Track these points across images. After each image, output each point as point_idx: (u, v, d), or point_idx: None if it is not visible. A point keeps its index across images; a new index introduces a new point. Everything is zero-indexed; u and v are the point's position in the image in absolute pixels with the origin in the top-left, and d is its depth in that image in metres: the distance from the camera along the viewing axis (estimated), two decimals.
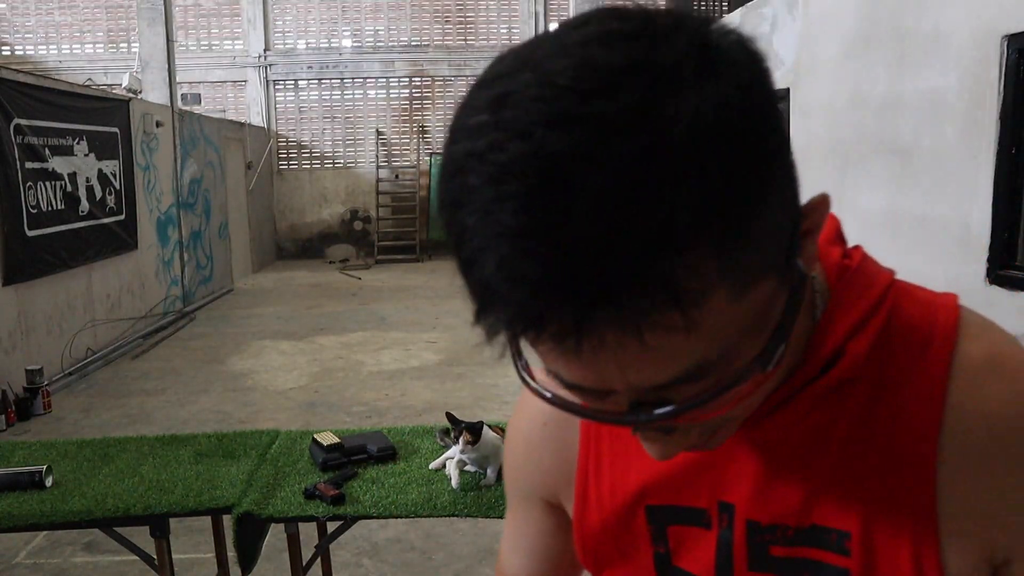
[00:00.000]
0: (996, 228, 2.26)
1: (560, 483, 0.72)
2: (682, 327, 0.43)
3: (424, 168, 13.29)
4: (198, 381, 6.09)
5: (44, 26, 12.67)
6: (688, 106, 0.41)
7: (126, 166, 7.50)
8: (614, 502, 0.67)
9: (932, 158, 2.54)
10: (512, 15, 13.40)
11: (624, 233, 0.40)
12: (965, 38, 2.37)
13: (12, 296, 5.54)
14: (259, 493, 2.14)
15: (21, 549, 3.41)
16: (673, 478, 0.64)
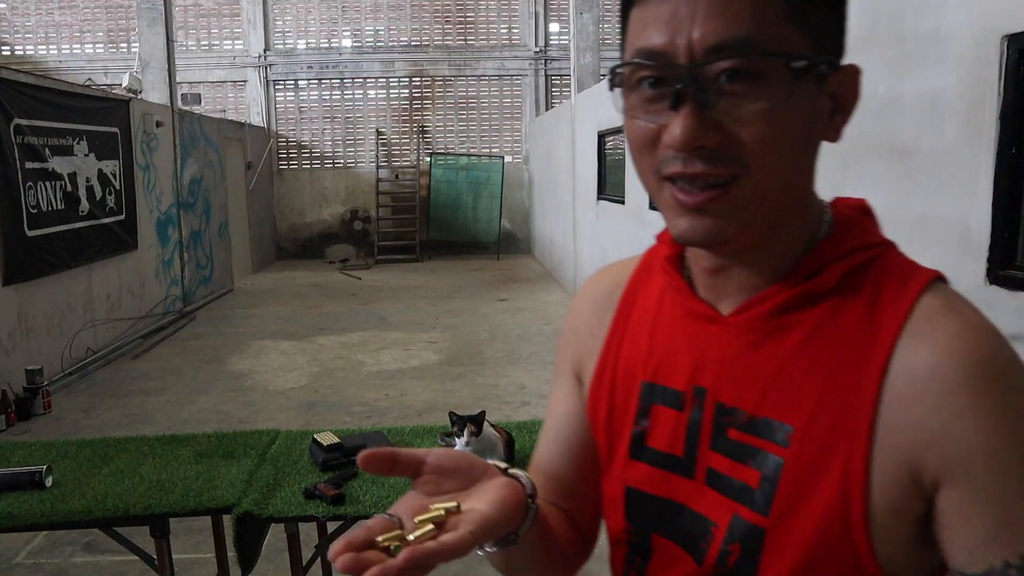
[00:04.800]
0: (996, 228, 2.26)
1: (586, 356, 0.82)
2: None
3: (424, 168, 13.29)
4: (198, 381, 6.09)
5: (44, 26, 12.67)
6: None
7: (126, 166, 7.50)
8: (627, 373, 0.77)
9: (932, 158, 2.53)
10: (512, 15, 13.39)
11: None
12: (965, 38, 2.37)
13: (12, 296, 5.54)
14: (259, 493, 2.14)
15: (21, 549, 3.41)
16: (667, 361, 0.74)
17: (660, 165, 0.64)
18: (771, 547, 0.66)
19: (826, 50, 0.63)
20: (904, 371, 0.62)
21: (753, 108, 0.60)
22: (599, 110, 7.96)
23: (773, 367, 0.67)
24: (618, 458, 0.78)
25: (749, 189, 0.62)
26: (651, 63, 0.61)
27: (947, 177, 2.46)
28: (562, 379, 0.87)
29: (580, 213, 9.07)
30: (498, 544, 0.67)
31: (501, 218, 13.28)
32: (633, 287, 0.81)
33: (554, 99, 13.33)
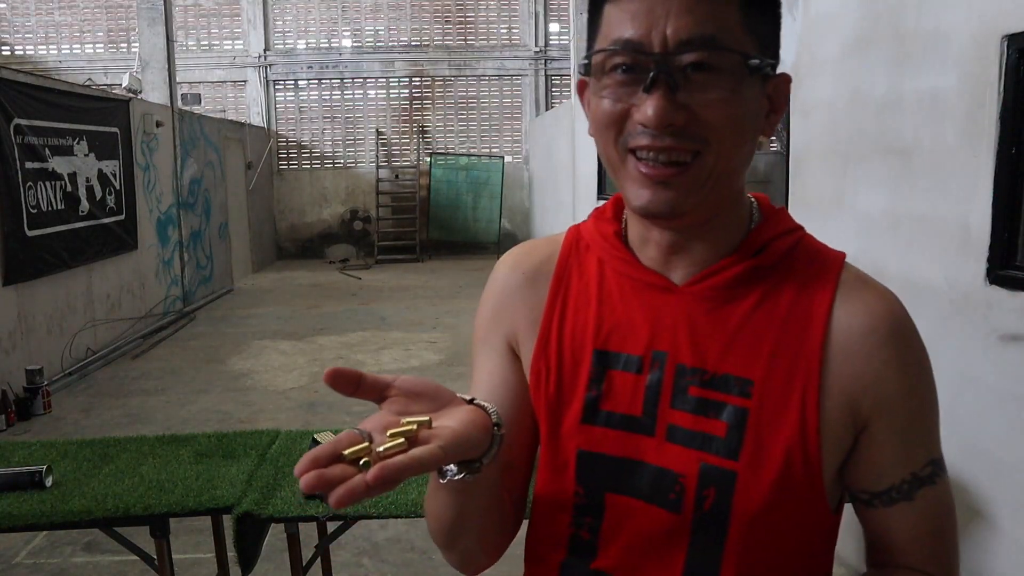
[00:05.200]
0: (996, 228, 2.26)
1: (524, 326, 0.87)
2: (719, 4, 0.70)
3: (424, 168, 13.29)
4: (198, 381, 6.09)
5: (44, 26, 12.67)
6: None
7: (126, 166, 7.50)
8: (572, 344, 0.83)
9: (932, 158, 2.53)
10: (512, 15, 13.39)
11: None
12: (965, 38, 2.37)
13: (12, 296, 5.54)
14: (259, 493, 2.14)
15: (21, 549, 3.41)
16: (620, 331, 0.81)
17: (627, 138, 0.73)
18: (742, 488, 0.75)
19: (769, 55, 0.74)
20: (843, 330, 0.76)
21: (713, 94, 0.70)
22: None
23: (730, 329, 0.78)
24: (567, 424, 0.82)
25: (708, 165, 0.72)
26: (627, 51, 0.71)
27: (947, 177, 2.45)
28: (491, 350, 0.89)
29: (580, 213, 9.07)
30: (462, 469, 0.67)
31: (501, 218, 13.28)
32: (565, 262, 0.88)
33: (554, 99, 13.32)
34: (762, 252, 0.79)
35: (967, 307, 2.36)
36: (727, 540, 0.76)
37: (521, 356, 0.87)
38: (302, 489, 0.56)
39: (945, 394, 2.61)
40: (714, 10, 0.70)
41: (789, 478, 0.75)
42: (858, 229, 2.96)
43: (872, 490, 0.79)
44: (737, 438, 0.75)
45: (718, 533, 0.76)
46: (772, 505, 0.75)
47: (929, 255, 2.54)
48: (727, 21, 0.70)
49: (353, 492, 0.56)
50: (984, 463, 2.31)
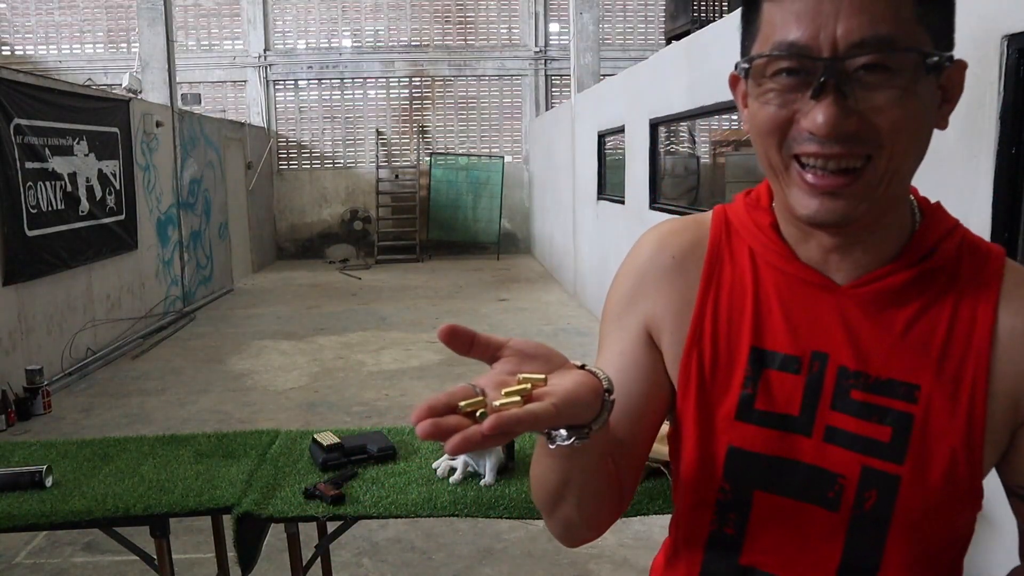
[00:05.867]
0: (996, 228, 2.26)
1: (670, 316, 0.84)
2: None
3: (424, 168, 13.29)
4: (198, 381, 6.09)
5: (44, 26, 12.67)
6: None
7: (126, 166, 7.50)
8: (728, 338, 0.81)
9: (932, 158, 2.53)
10: (512, 15, 13.39)
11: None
12: (965, 38, 2.37)
13: (12, 296, 5.54)
14: (259, 493, 2.14)
15: (21, 549, 3.41)
16: (777, 329, 0.79)
17: (791, 144, 0.70)
18: (906, 491, 0.74)
19: (944, 47, 0.70)
20: (1008, 330, 0.75)
21: (887, 97, 0.67)
22: (599, 110, 7.96)
23: (895, 333, 0.76)
24: (720, 420, 0.80)
25: (881, 169, 0.69)
26: (793, 55, 0.68)
27: (947, 177, 2.45)
28: (624, 330, 0.86)
29: (580, 213, 9.07)
30: (571, 434, 0.66)
31: (501, 218, 13.28)
32: (716, 248, 0.84)
33: (554, 99, 13.33)
34: (931, 256, 0.77)
35: None
36: (888, 538, 0.75)
37: (661, 344, 0.84)
38: (418, 435, 0.57)
39: None
40: (888, 6, 0.65)
41: (953, 481, 0.74)
42: None
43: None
44: (903, 443, 0.74)
45: (878, 531, 0.76)
46: (935, 508, 0.74)
47: None
48: (902, 16, 0.66)
49: (469, 440, 0.56)
50: None
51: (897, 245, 0.77)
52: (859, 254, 0.77)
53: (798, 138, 0.69)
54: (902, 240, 0.77)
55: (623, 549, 3.31)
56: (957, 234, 0.78)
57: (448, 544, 3.40)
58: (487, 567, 3.22)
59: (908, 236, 0.78)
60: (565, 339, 7.16)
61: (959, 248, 0.78)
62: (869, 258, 0.77)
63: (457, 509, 2.07)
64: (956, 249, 0.78)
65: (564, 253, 10.05)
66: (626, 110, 6.84)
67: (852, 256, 0.77)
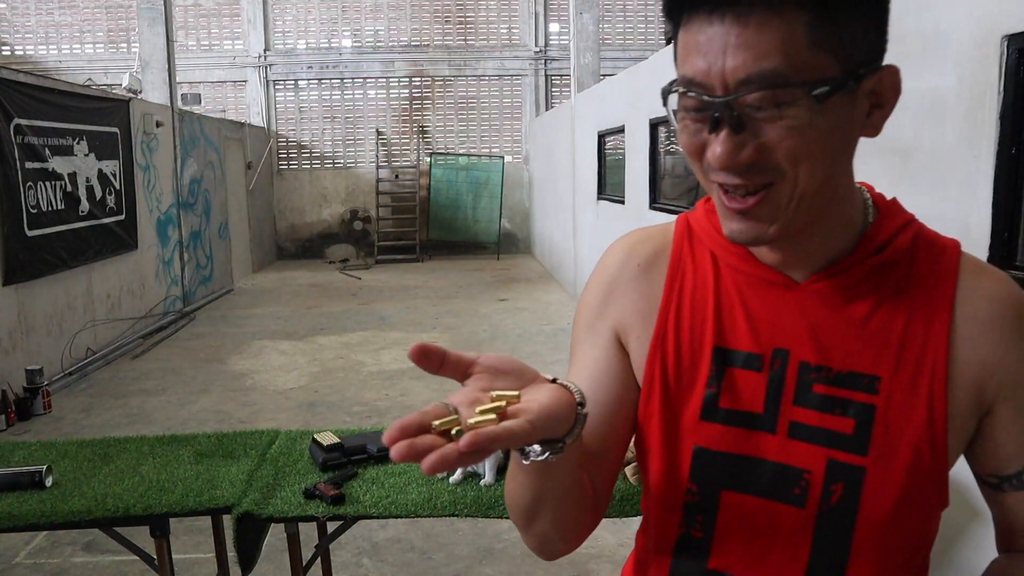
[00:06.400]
0: (996, 228, 2.26)
1: (637, 320, 0.85)
2: (782, 31, 0.64)
3: (424, 168, 13.29)
4: (198, 381, 6.09)
5: (44, 26, 12.66)
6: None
7: (126, 166, 7.50)
8: (691, 340, 0.82)
9: (932, 158, 2.53)
10: (512, 15, 13.39)
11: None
12: (965, 38, 2.37)
13: (12, 296, 5.54)
14: (259, 493, 2.14)
15: (21, 549, 3.41)
16: (739, 328, 0.81)
17: (707, 169, 0.72)
18: (872, 482, 0.75)
19: (855, 63, 0.69)
20: (968, 318, 0.76)
21: (781, 129, 0.67)
22: (599, 110, 7.96)
23: (854, 327, 0.77)
24: (685, 421, 0.81)
25: (786, 192, 0.70)
26: (693, 92, 0.70)
27: (947, 177, 2.45)
28: (596, 338, 0.87)
29: (580, 213, 9.07)
30: (545, 449, 0.67)
31: (501, 218, 13.27)
32: (679, 253, 0.86)
33: (554, 99, 13.32)
34: (885, 249, 0.78)
35: None
36: (855, 534, 0.76)
37: (629, 348, 0.86)
38: (393, 458, 0.56)
39: None
40: (775, 39, 0.64)
41: (918, 471, 0.75)
42: None
43: (1001, 473, 0.79)
44: (865, 434, 0.76)
45: (845, 526, 0.76)
46: (901, 498, 0.75)
47: None
48: (791, 48, 0.65)
49: (445, 459, 0.56)
50: None
51: (850, 241, 0.79)
52: (811, 253, 0.78)
53: (710, 167, 0.71)
54: (854, 236, 0.79)
55: (623, 549, 3.31)
56: (911, 228, 0.80)
57: (448, 544, 3.40)
58: (487, 567, 3.23)
59: (861, 232, 0.79)
60: (565, 339, 7.15)
61: (914, 242, 0.79)
62: (821, 256, 0.78)
63: (457, 509, 2.07)
64: (910, 243, 0.79)
65: (564, 253, 10.04)
66: (626, 110, 6.84)
67: (805, 255, 0.79)
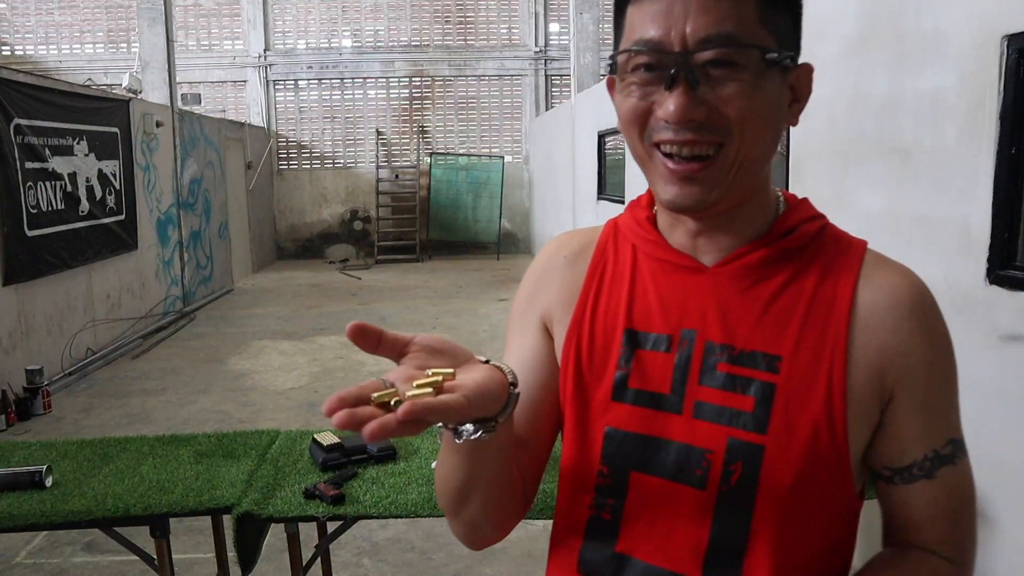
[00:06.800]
0: (996, 228, 2.26)
1: (560, 306, 0.89)
2: (737, 2, 0.72)
3: (424, 168, 13.28)
4: (198, 381, 6.09)
5: (44, 26, 12.66)
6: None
7: (126, 166, 7.50)
8: (605, 323, 0.85)
9: (932, 158, 2.53)
10: (512, 15, 13.39)
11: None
12: (965, 38, 2.37)
13: (12, 296, 5.54)
14: (259, 493, 2.14)
15: (21, 549, 3.41)
16: (651, 311, 0.83)
17: (651, 133, 0.76)
18: (770, 461, 0.76)
19: (788, 48, 0.77)
20: (868, 305, 0.79)
21: (733, 88, 0.73)
22: (599, 110, 7.96)
23: (759, 308, 0.80)
24: (596, 402, 0.84)
25: (731, 156, 0.75)
26: (649, 51, 0.74)
27: (947, 177, 2.45)
28: (526, 326, 0.91)
29: (580, 213, 9.07)
30: (478, 428, 0.68)
31: (501, 218, 13.27)
32: (603, 247, 0.91)
33: (554, 99, 13.32)
34: (790, 235, 0.82)
35: (967, 307, 2.36)
36: (753, 515, 0.77)
37: (554, 335, 0.89)
38: (334, 424, 0.58)
39: None
40: (732, 8, 0.72)
41: (816, 452, 0.76)
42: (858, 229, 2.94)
43: (893, 466, 0.80)
44: (765, 412, 0.77)
45: (744, 508, 0.77)
46: (799, 479, 0.76)
47: (929, 255, 2.54)
48: (745, 18, 0.72)
49: (385, 426, 0.58)
50: (984, 463, 2.31)
51: (759, 229, 0.82)
52: (722, 237, 0.82)
53: (656, 127, 0.75)
54: (764, 225, 0.83)
55: None
56: (819, 222, 0.84)
57: (448, 544, 3.40)
58: (487, 567, 3.23)
59: (771, 221, 0.83)
60: None
61: (821, 233, 0.83)
62: (732, 240, 0.82)
63: None
64: (817, 232, 0.83)
65: None
66: None
67: (717, 239, 0.82)
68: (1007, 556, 2.25)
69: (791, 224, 0.82)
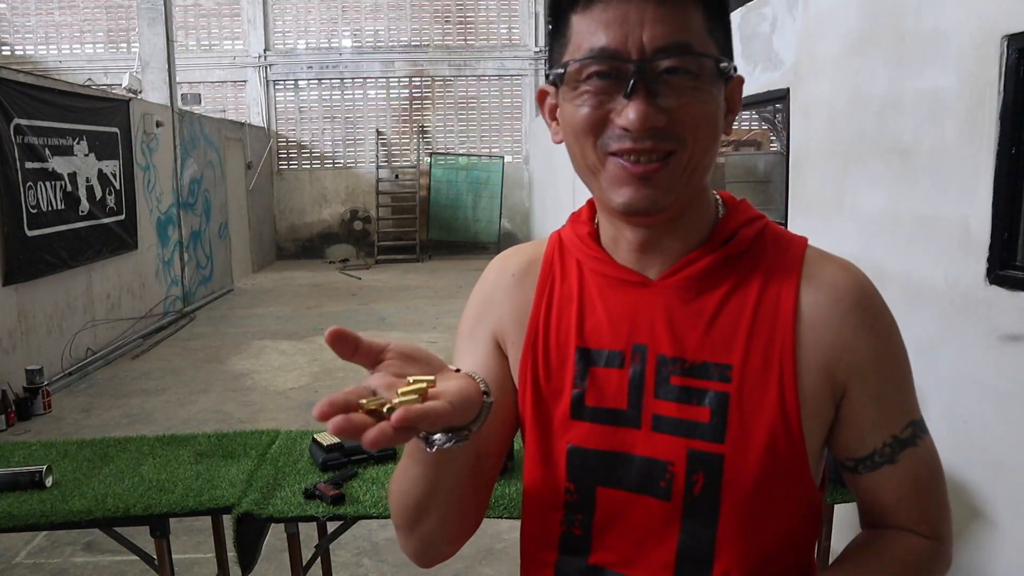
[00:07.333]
0: (996, 228, 2.26)
1: (511, 325, 0.90)
2: (688, 12, 0.73)
3: (424, 168, 13.28)
4: (198, 381, 6.09)
5: (44, 26, 12.66)
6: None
7: (126, 166, 7.50)
8: (558, 343, 0.86)
9: (932, 158, 2.53)
10: (512, 15, 13.39)
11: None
12: (965, 38, 2.37)
13: (12, 296, 5.54)
14: (259, 493, 2.14)
15: (21, 549, 3.41)
16: (599, 327, 0.84)
17: (607, 143, 0.76)
18: (731, 469, 0.77)
19: (729, 59, 0.78)
20: (812, 304, 0.80)
21: (688, 96, 0.74)
22: None
23: (706, 318, 0.81)
24: (557, 421, 0.84)
25: (684, 161, 0.75)
26: (606, 58, 0.73)
27: (947, 177, 2.45)
28: (476, 343, 0.92)
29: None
30: (451, 436, 0.68)
31: (501, 218, 13.27)
32: (549, 263, 0.91)
33: None
34: (730, 241, 0.82)
35: (967, 307, 2.36)
36: (719, 522, 0.78)
37: (508, 353, 0.90)
38: (330, 430, 0.59)
39: (945, 394, 2.58)
40: (684, 19, 0.74)
41: (775, 455, 0.77)
42: (858, 229, 2.96)
43: (856, 456, 0.82)
44: (721, 422, 0.78)
45: (709, 516, 0.78)
46: (760, 483, 0.77)
47: (929, 255, 2.54)
48: (696, 29, 0.74)
49: (384, 434, 0.58)
50: (984, 463, 2.31)
51: (701, 235, 0.83)
52: (667, 247, 0.82)
53: (612, 136, 0.75)
54: (705, 230, 0.83)
55: None
56: (758, 224, 0.84)
57: None
58: (487, 567, 3.23)
59: (711, 227, 0.84)
60: None
61: (761, 235, 0.84)
62: (675, 250, 0.82)
63: None
64: (756, 235, 0.83)
65: None
66: None
67: (659, 249, 0.82)
68: (1007, 556, 2.25)
69: (732, 228, 0.83)
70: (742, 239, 0.82)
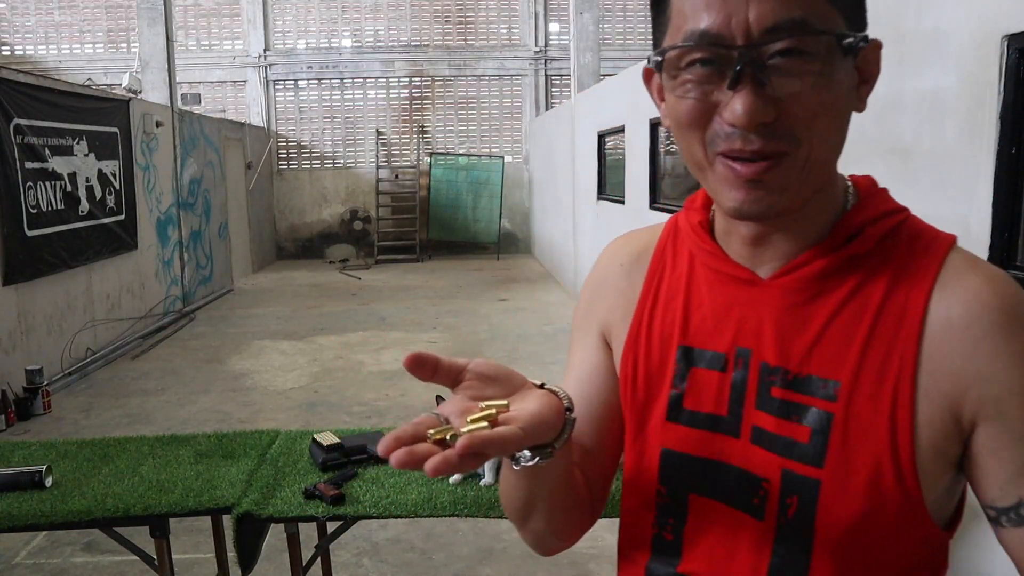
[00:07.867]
0: (996, 228, 2.26)
1: (617, 318, 0.85)
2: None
3: (424, 168, 13.28)
4: (198, 381, 6.09)
5: (44, 26, 12.66)
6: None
7: (126, 166, 7.50)
8: (661, 338, 0.80)
9: (932, 158, 2.53)
10: (512, 15, 13.39)
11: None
12: (965, 38, 2.37)
13: (12, 296, 5.54)
14: (259, 493, 2.14)
15: (21, 549, 3.41)
16: (704, 325, 0.77)
17: (715, 140, 0.67)
18: (827, 497, 0.69)
19: (858, 27, 0.68)
20: (941, 321, 0.67)
21: (804, 82, 0.64)
22: (599, 110, 7.96)
23: (817, 326, 0.71)
24: (653, 421, 0.80)
25: (800, 161, 0.66)
26: (707, 44, 0.65)
27: (947, 177, 2.45)
28: (586, 337, 0.88)
29: (580, 213, 9.07)
30: (535, 454, 0.67)
31: (501, 218, 13.27)
32: (661, 252, 0.85)
33: (554, 99, 13.32)
34: (855, 239, 0.72)
35: None
36: (813, 551, 0.71)
37: (613, 347, 0.86)
38: (393, 465, 0.58)
39: None
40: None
41: (879, 489, 0.68)
42: None
43: (997, 505, 0.69)
44: (821, 444, 0.69)
45: (804, 543, 0.71)
46: (861, 517, 0.68)
47: None
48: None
49: (447, 461, 0.57)
50: None
51: (821, 232, 0.73)
52: (783, 243, 0.73)
53: (721, 133, 0.67)
54: (827, 225, 0.73)
55: None
56: (892, 219, 0.73)
57: (448, 544, 3.40)
58: (487, 567, 3.22)
59: (834, 220, 0.74)
60: (564, 339, 7.15)
61: (894, 233, 0.73)
62: (791, 246, 0.73)
63: (457, 509, 2.07)
64: (887, 233, 0.72)
65: (564, 253, 10.04)
66: (626, 110, 6.84)
67: (774, 246, 0.74)
68: (1007, 556, 2.25)
69: (858, 223, 0.72)
70: (868, 237, 0.72)
